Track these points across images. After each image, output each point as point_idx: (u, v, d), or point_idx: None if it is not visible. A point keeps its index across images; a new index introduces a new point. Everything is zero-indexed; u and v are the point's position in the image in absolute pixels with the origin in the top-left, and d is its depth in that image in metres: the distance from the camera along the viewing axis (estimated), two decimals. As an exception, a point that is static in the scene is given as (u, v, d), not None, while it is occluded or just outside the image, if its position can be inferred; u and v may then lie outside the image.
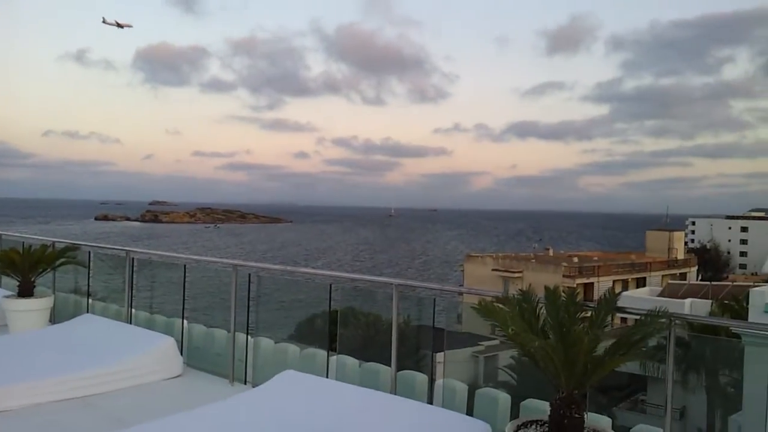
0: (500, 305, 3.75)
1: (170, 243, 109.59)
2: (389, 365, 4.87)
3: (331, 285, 5.59)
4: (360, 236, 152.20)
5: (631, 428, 4.24)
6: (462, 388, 4.75)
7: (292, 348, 5.77)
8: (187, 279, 6.87)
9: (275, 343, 5.98)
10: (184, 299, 6.75)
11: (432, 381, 4.98)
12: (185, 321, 6.75)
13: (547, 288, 3.83)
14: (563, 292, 3.85)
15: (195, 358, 6.39)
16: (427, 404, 4.49)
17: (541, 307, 3.74)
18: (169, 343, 5.94)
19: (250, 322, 6.12)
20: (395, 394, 4.68)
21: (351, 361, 5.32)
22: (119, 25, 75.77)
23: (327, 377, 5.23)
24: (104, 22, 73.62)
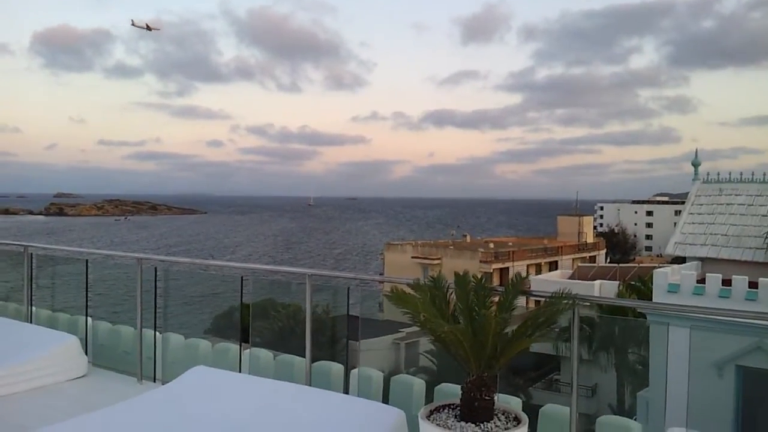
0: (413, 292, 3.75)
1: (75, 237, 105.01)
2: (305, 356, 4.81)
3: (242, 277, 5.47)
4: (277, 227, 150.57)
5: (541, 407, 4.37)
6: (378, 376, 4.76)
7: (204, 343, 5.62)
8: (92, 275, 6.58)
9: (186, 338, 5.81)
10: (87, 296, 6.45)
11: (348, 370, 4.96)
12: (89, 318, 6.46)
13: (456, 274, 3.86)
14: (473, 277, 3.89)
15: (101, 356, 6.13)
16: (342, 394, 4.47)
17: (452, 293, 3.77)
18: (71, 341, 5.65)
19: (160, 317, 5.93)
20: (310, 385, 4.64)
21: (265, 354, 5.23)
22: (149, 28, 72.93)
23: (240, 371, 5.12)
24: (133, 24, 70.53)
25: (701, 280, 14.75)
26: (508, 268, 48.28)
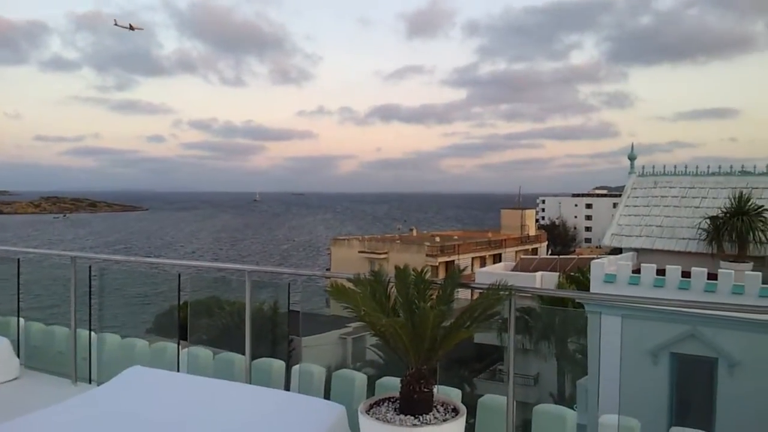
0: (353, 287, 3.76)
1: (10, 236, 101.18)
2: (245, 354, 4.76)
3: (179, 275, 5.37)
4: (221, 223, 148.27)
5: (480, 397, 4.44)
6: (320, 371, 4.75)
7: (141, 343, 5.50)
8: (27, 275, 6.36)
9: (122, 338, 5.68)
10: (18, 296, 6.23)
11: (290, 367, 4.94)
12: (22, 320, 6.23)
13: (397, 267, 3.88)
14: (413, 270, 3.92)
15: (34, 358, 5.93)
16: (282, 391, 4.45)
17: (392, 287, 3.79)
18: (2, 344, 5.45)
19: (95, 317, 5.77)
20: (250, 383, 4.60)
21: (204, 353, 5.16)
22: (131, 28, 72.71)
23: (178, 371, 5.04)
24: (116, 24, 70.12)
25: (636, 270, 15.22)
26: (453, 261, 48.81)
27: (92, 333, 5.68)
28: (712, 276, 14.14)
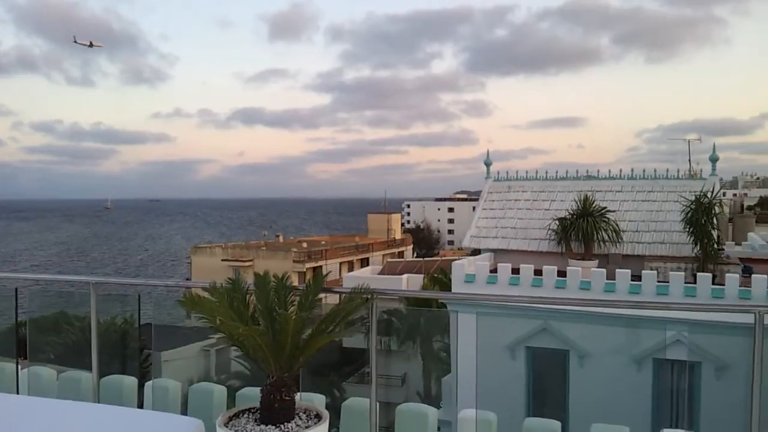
0: (210, 296, 3.61)
1: None
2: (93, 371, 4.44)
3: (17, 289, 4.92)
4: (68, 233, 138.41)
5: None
6: (175, 386, 4.53)
7: (-27, 365, 4.98)
8: None
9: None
10: None
11: (143, 383, 4.66)
12: None
13: (256, 274, 3.78)
14: (273, 277, 3.84)
15: None
16: (134, 409, 4.19)
17: (251, 295, 3.68)
18: None
19: None
20: (99, 402, 4.29)
21: (47, 372, 4.76)
22: (91, 45, 67.57)
23: (18, 393, 4.61)
24: (75, 42, 64.48)
25: (494, 270, 15.93)
26: (321, 266, 48.83)
27: None
28: (561, 273, 15.07)
